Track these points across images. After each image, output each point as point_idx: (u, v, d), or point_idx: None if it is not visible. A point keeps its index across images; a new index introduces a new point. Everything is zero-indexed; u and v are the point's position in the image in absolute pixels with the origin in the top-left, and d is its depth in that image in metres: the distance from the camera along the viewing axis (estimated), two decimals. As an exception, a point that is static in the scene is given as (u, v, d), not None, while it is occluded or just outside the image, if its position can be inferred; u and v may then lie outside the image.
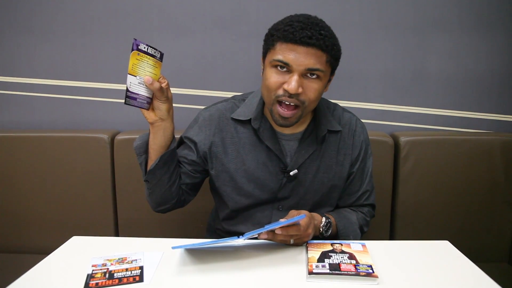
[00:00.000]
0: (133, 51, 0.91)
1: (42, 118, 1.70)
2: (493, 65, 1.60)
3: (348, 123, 1.15)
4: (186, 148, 1.14)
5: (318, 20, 0.98)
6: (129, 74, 0.92)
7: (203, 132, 1.12)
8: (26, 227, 1.60)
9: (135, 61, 0.92)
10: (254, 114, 1.08)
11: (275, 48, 0.96)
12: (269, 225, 0.92)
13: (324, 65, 0.95)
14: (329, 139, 1.11)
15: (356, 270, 0.83)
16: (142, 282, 0.82)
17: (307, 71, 0.94)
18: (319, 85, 0.98)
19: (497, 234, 1.54)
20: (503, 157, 1.51)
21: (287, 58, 0.94)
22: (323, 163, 1.11)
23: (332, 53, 0.96)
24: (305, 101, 0.97)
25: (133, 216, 1.56)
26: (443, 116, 1.65)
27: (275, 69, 0.97)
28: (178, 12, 1.61)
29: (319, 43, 0.92)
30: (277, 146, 1.08)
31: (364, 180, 1.17)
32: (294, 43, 0.93)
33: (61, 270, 0.87)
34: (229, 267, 0.88)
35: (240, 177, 1.10)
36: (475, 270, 0.87)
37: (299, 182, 1.10)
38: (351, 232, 1.10)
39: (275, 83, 0.97)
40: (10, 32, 1.65)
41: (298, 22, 0.94)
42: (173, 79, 1.65)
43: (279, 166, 1.09)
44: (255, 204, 1.12)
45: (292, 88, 0.94)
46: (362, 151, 1.15)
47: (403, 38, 1.60)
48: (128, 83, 0.92)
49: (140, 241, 1.03)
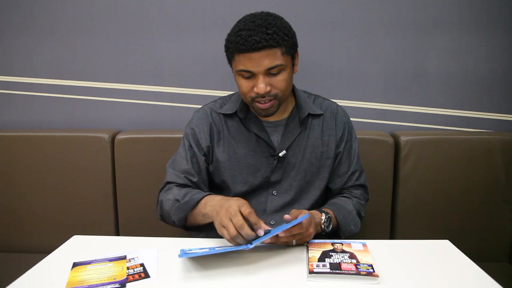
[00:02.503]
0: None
1: (42, 118, 1.70)
2: (494, 64, 1.60)
3: (330, 108, 1.24)
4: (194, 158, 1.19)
5: (263, 18, 1.03)
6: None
7: (200, 129, 1.19)
8: (27, 226, 1.60)
9: None
10: (239, 107, 1.18)
11: (235, 59, 1.05)
12: (275, 229, 0.92)
13: (281, 58, 1.03)
14: (312, 123, 1.20)
15: (356, 269, 0.83)
16: (149, 278, 0.84)
17: (267, 70, 1.02)
18: (285, 75, 1.06)
19: (497, 233, 1.54)
20: (504, 157, 1.51)
21: (247, 66, 1.02)
22: (309, 144, 1.19)
23: (285, 43, 1.03)
24: (277, 93, 1.06)
25: (133, 215, 1.56)
26: (444, 115, 1.65)
27: (241, 76, 1.06)
28: (178, 11, 1.61)
29: (268, 43, 0.99)
30: (263, 133, 1.17)
31: (352, 160, 1.23)
32: (247, 52, 1.00)
33: (62, 269, 0.87)
34: (230, 264, 0.88)
35: (233, 166, 1.17)
36: (476, 269, 0.87)
37: (289, 163, 1.17)
38: (351, 221, 1.13)
39: (246, 88, 1.07)
40: (11, 32, 1.65)
41: (245, 30, 1.01)
42: (173, 78, 1.67)
43: (268, 151, 1.17)
44: (251, 191, 1.19)
45: (260, 90, 1.03)
46: (346, 132, 1.23)
47: (404, 38, 1.60)
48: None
49: (140, 240, 1.03)
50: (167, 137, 1.53)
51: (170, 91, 1.67)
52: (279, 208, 1.17)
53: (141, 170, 1.53)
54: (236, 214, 0.90)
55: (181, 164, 1.18)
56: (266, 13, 1.07)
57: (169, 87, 1.67)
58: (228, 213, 0.91)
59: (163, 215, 1.16)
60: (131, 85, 1.67)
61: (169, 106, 1.68)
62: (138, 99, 1.68)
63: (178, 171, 1.18)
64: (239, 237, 0.88)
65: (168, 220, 1.15)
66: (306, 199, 1.19)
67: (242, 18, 1.07)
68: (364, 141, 1.46)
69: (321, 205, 1.19)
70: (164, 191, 1.18)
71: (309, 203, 1.19)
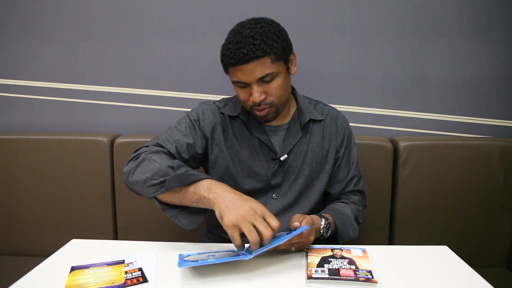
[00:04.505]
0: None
1: (42, 121, 1.71)
2: (492, 70, 1.61)
3: (330, 113, 1.25)
4: (187, 133, 1.15)
5: (251, 27, 1.03)
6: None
7: (205, 118, 1.19)
8: (26, 230, 1.60)
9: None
10: (241, 109, 1.18)
11: (229, 71, 1.07)
12: (276, 239, 0.89)
13: (271, 66, 1.03)
14: (313, 128, 1.21)
15: (355, 275, 0.83)
16: (147, 282, 0.84)
17: (260, 80, 1.03)
18: (279, 82, 1.06)
19: (496, 239, 1.54)
20: (502, 162, 1.51)
21: (240, 78, 1.04)
22: (310, 149, 1.19)
23: (273, 51, 1.02)
24: (272, 101, 1.07)
25: (132, 219, 1.56)
26: (442, 121, 1.65)
27: (238, 87, 1.08)
28: (178, 16, 1.62)
29: (255, 54, 1.00)
30: (265, 136, 1.17)
31: (351, 166, 1.24)
32: (237, 65, 1.02)
33: (60, 273, 0.87)
34: (228, 270, 0.88)
35: (235, 166, 1.18)
36: (474, 275, 0.87)
37: (290, 167, 1.18)
38: (349, 226, 1.13)
39: (244, 97, 1.09)
40: (12, 35, 1.65)
41: (233, 43, 1.02)
42: (173, 82, 1.67)
43: (270, 155, 1.17)
44: (251, 194, 1.13)
45: (255, 99, 1.05)
46: (346, 137, 1.24)
47: (403, 43, 1.60)
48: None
49: (138, 244, 1.03)
50: (167, 141, 1.52)
51: (170, 95, 1.67)
52: (278, 212, 1.17)
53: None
54: (262, 221, 0.84)
55: (176, 135, 1.13)
56: (255, 20, 1.06)
57: (168, 91, 1.67)
58: (253, 218, 0.84)
59: (136, 173, 1.02)
60: (130, 89, 1.68)
61: (168, 110, 1.68)
62: (137, 103, 1.68)
63: (172, 140, 1.12)
64: (256, 246, 0.84)
65: (138, 182, 1.01)
66: (305, 203, 1.19)
67: (233, 28, 1.08)
68: (363, 146, 1.46)
69: (320, 209, 1.19)
70: (149, 149, 1.07)
71: (308, 207, 1.19)
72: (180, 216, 1.00)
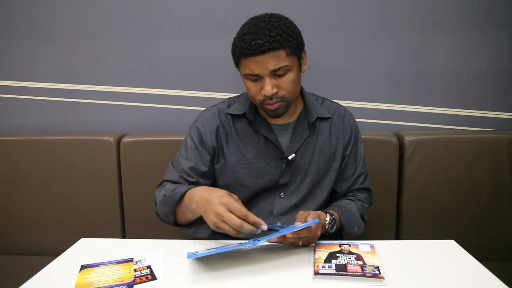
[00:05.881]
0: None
1: (48, 122, 1.72)
2: (497, 63, 1.60)
3: (337, 111, 1.24)
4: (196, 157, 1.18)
5: (266, 20, 1.03)
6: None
7: (206, 129, 1.18)
8: (35, 230, 1.61)
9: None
10: (248, 108, 1.17)
11: (241, 63, 1.06)
12: (284, 229, 0.92)
13: (285, 59, 1.03)
14: (320, 126, 1.20)
15: (362, 271, 0.83)
16: (156, 280, 0.85)
17: (273, 72, 1.02)
18: (291, 76, 1.05)
19: (503, 232, 1.54)
20: (509, 155, 1.50)
21: (253, 70, 1.03)
22: (317, 147, 1.19)
23: (289, 44, 1.02)
24: (284, 95, 1.06)
25: (140, 218, 1.57)
26: (448, 115, 1.64)
27: (249, 80, 1.07)
28: (182, 14, 1.62)
29: (271, 46, 1.00)
30: (272, 135, 1.16)
31: (358, 163, 1.24)
32: (252, 56, 1.01)
33: (70, 272, 0.88)
34: (236, 265, 0.89)
35: (241, 169, 1.17)
36: (481, 269, 0.87)
37: (297, 166, 1.17)
38: (355, 223, 1.13)
39: (254, 91, 1.07)
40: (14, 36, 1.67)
41: (248, 34, 1.01)
42: (177, 81, 1.67)
43: (277, 154, 1.16)
44: (258, 193, 1.18)
45: (267, 92, 1.03)
46: (353, 135, 1.23)
47: (407, 38, 1.60)
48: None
49: (147, 242, 1.04)
50: (173, 140, 1.53)
51: (175, 94, 1.68)
52: (286, 211, 1.17)
53: (147, 172, 1.53)
54: (228, 215, 0.87)
55: (180, 163, 1.17)
56: (270, 15, 1.06)
57: (173, 90, 1.68)
58: (219, 216, 0.88)
59: (158, 212, 1.13)
60: (135, 88, 1.68)
61: (174, 108, 1.69)
62: (143, 102, 1.69)
63: (176, 170, 1.17)
64: (242, 232, 0.87)
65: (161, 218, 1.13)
66: (313, 202, 1.19)
67: (247, 21, 1.08)
68: (368, 142, 1.46)
69: (327, 207, 1.19)
70: (159, 188, 1.16)
71: (316, 205, 1.19)
72: (198, 230, 1.08)
